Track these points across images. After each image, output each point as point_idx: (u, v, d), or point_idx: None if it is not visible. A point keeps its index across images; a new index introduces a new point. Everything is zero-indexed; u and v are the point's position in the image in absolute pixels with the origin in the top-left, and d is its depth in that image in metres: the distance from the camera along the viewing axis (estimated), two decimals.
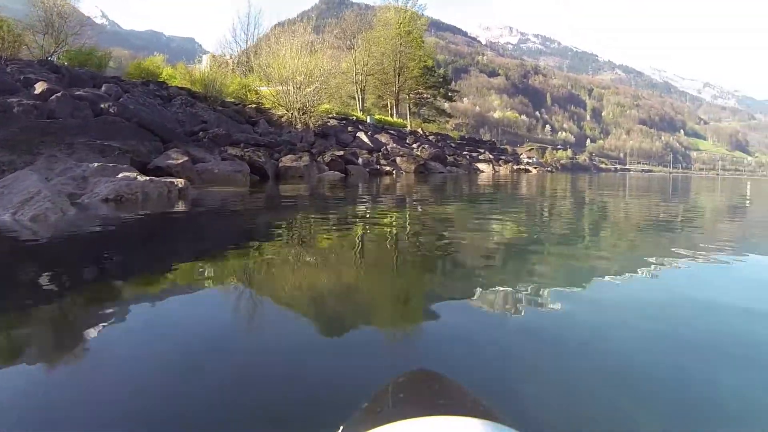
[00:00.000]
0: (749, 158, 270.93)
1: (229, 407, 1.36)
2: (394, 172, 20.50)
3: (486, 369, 1.68)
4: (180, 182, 6.52)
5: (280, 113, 23.18)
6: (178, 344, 1.84)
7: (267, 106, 23.92)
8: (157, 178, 6.30)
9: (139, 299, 2.43)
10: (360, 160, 19.16)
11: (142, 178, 6.01)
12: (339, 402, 1.39)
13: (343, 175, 15.83)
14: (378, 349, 1.90)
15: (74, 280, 2.76)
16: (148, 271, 3.09)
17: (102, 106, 12.22)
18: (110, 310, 2.20)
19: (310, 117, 23.12)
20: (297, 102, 23.15)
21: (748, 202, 12.13)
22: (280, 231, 4.77)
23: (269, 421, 1.33)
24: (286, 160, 14.35)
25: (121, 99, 14.72)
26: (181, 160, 10.04)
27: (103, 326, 1.97)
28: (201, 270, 3.07)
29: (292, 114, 23.00)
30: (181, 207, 6.27)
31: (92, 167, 6.20)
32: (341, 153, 17.48)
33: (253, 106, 23.95)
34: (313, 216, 6.04)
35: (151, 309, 2.27)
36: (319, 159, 16.00)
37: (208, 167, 11.21)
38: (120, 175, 6.02)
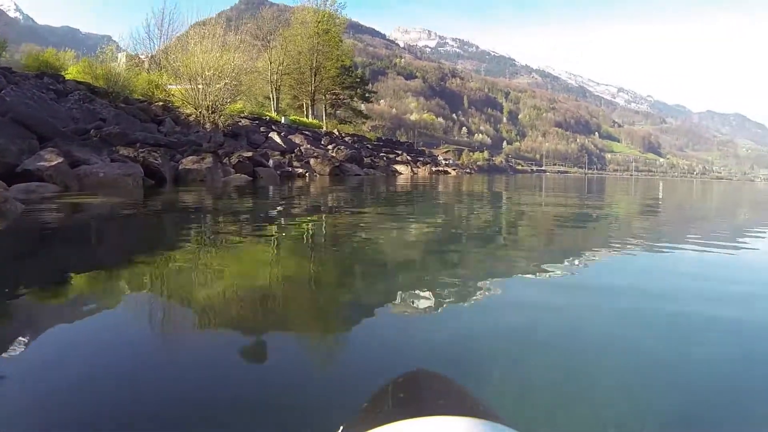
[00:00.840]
0: (661, 159, 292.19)
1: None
2: (307, 174, 19.84)
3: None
4: None
5: (188, 112, 21.82)
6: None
7: (176, 104, 22.46)
8: None
9: None
10: (271, 162, 18.35)
11: None
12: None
13: (251, 178, 14.98)
14: (292, 360, 1.83)
15: None
16: None
17: None
18: None
19: (220, 116, 21.93)
20: (206, 100, 21.87)
21: (660, 200, 13.29)
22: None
23: None
24: (187, 162, 13.37)
25: (2, 91, 13.26)
26: (54, 162, 8.92)
27: None
28: None
29: (200, 112, 21.71)
30: None
31: None
32: (250, 154, 16.58)
33: (161, 104, 22.39)
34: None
35: None
36: (225, 161, 15.05)
37: (92, 170, 10.13)
38: None
